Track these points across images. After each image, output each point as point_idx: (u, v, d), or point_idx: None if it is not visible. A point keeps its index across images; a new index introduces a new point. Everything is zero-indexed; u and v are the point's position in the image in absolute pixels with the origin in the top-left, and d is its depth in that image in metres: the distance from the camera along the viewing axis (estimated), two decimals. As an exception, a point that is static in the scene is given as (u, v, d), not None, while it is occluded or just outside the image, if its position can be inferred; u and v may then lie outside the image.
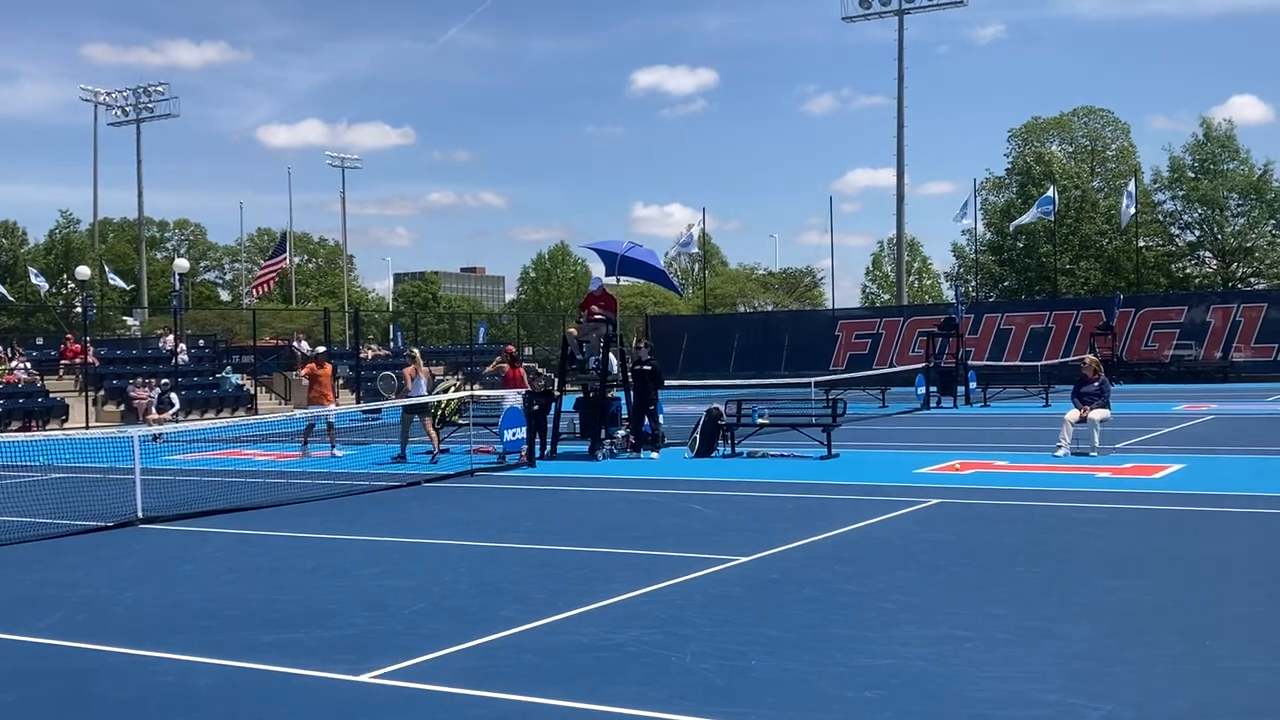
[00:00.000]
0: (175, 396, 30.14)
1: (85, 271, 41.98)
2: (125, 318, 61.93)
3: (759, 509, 13.28)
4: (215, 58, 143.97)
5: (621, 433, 19.70)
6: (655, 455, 19.05)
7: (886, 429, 24.46)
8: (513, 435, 18.56)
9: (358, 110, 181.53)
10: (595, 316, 20.32)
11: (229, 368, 39.43)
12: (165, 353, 38.13)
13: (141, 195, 68.78)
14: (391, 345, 51.73)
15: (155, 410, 29.36)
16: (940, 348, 33.63)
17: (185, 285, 42.81)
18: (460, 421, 21.22)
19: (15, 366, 34.17)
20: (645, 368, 19.79)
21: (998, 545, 10.38)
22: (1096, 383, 18.39)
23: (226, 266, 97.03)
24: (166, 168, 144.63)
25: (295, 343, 41.36)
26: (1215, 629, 7.29)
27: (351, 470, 18.15)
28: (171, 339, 38.23)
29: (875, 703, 5.89)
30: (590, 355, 19.96)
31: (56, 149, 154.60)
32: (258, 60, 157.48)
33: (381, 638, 7.45)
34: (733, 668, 6.58)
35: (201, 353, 41.18)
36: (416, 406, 19.59)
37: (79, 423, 31.31)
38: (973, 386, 33.24)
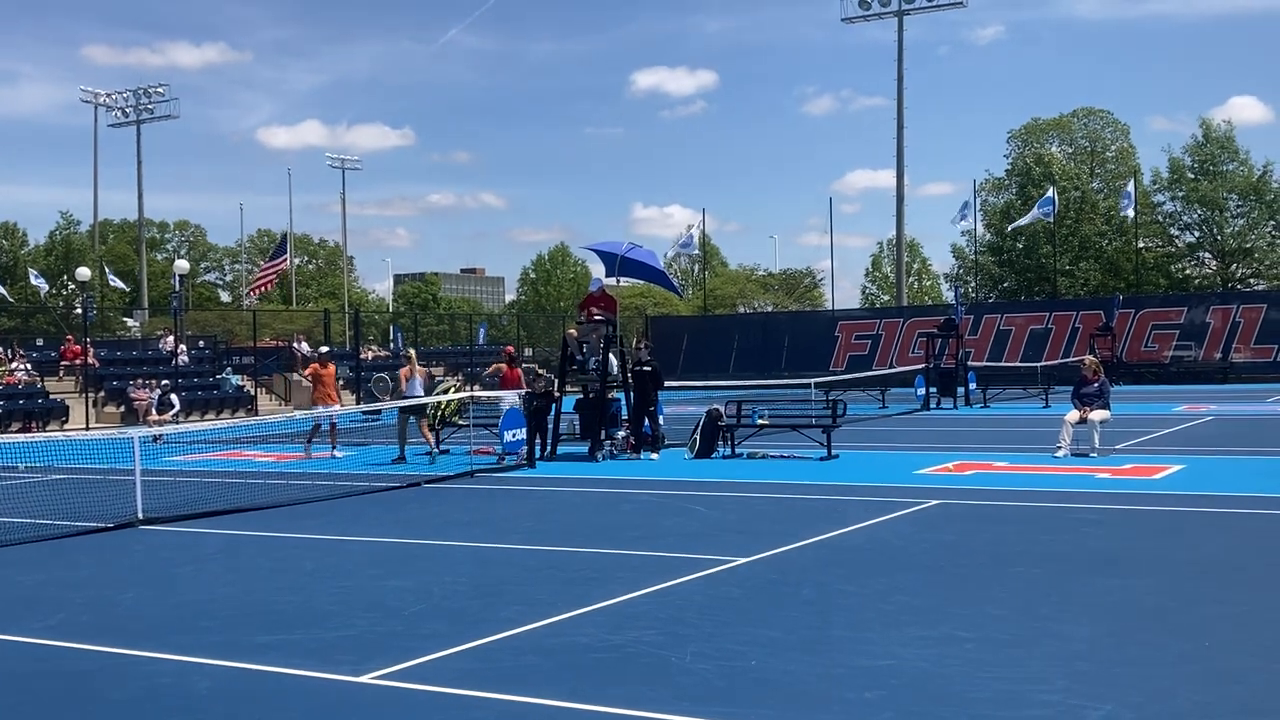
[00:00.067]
0: (175, 398, 30.17)
1: (85, 273, 42.00)
2: (125, 319, 61.92)
3: (759, 510, 13.28)
4: (215, 59, 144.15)
5: (621, 434, 19.70)
6: (655, 456, 19.05)
7: (886, 430, 24.47)
8: (512, 436, 18.57)
9: (358, 111, 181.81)
10: (595, 317, 20.31)
11: (229, 369, 39.44)
12: (165, 354, 38.15)
13: (141, 196, 68.86)
14: (391, 346, 51.73)
15: (155, 411, 29.39)
16: (940, 349, 33.62)
17: (185, 286, 42.77)
18: (460, 422, 21.23)
19: (15, 368, 34.18)
20: (645, 369, 19.80)
21: (997, 546, 10.39)
22: (1096, 384, 18.39)
23: (227, 268, 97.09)
24: (166, 169, 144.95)
25: (295, 344, 41.36)
26: (1215, 629, 7.29)
27: (351, 471, 18.17)
28: (172, 340, 38.25)
29: (875, 704, 5.89)
30: (590, 356, 19.96)
31: (57, 150, 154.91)
32: (258, 61, 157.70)
33: (381, 639, 7.45)
34: (732, 668, 6.58)
35: (202, 354, 41.18)
36: (413, 407, 19.60)
37: (79, 424, 31.31)
38: (972, 387, 33.25)
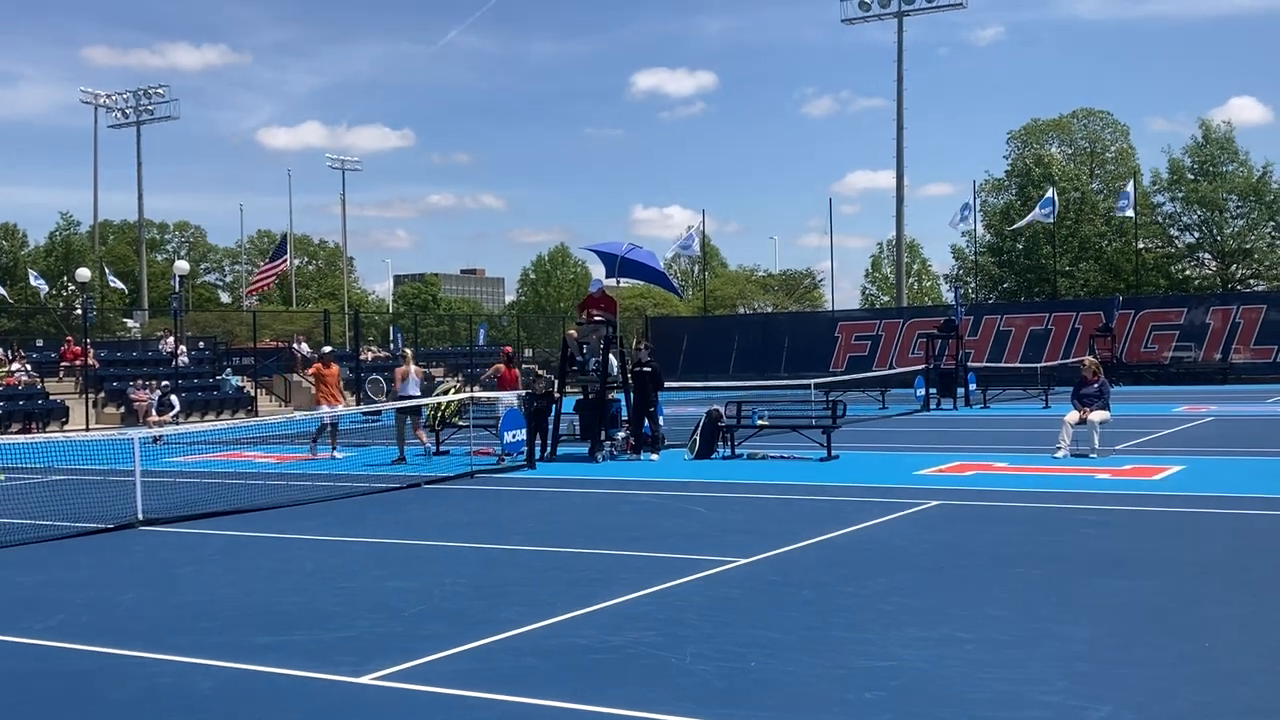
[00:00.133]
0: (175, 398, 30.19)
1: (85, 274, 41.97)
2: (125, 320, 61.87)
3: (759, 511, 13.28)
4: (215, 60, 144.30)
5: (621, 434, 19.70)
6: (655, 457, 19.05)
7: (886, 431, 24.47)
8: (512, 437, 18.57)
9: (358, 112, 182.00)
10: (595, 318, 20.31)
11: (229, 370, 39.43)
12: (165, 355, 38.14)
13: (141, 197, 68.73)
14: (391, 347, 51.72)
15: (155, 412, 29.40)
16: (940, 349, 33.63)
17: (185, 287, 42.80)
18: (460, 423, 21.23)
19: (15, 369, 34.17)
20: (645, 369, 19.80)
21: (997, 547, 10.38)
22: (1096, 384, 18.40)
23: (227, 269, 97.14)
24: (166, 170, 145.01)
25: (295, 345, 41.35)
26: (1215, 630, 7.29)
27: (351, 472, 18.17)
28: (172, 341, 38.24)
29: (875, 704, 5.89)
30: (590, 357, 19.96)
31: (57, 151, 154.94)
32: (258, 63, 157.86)
33: (382, 639, 7.45)
34: (732, 669, 6.59)
35: (202, 355, 41.18)
36: (408, 408, 19.62)
37: (79, 425, 31.31)
38: (972, 388, 33.24)
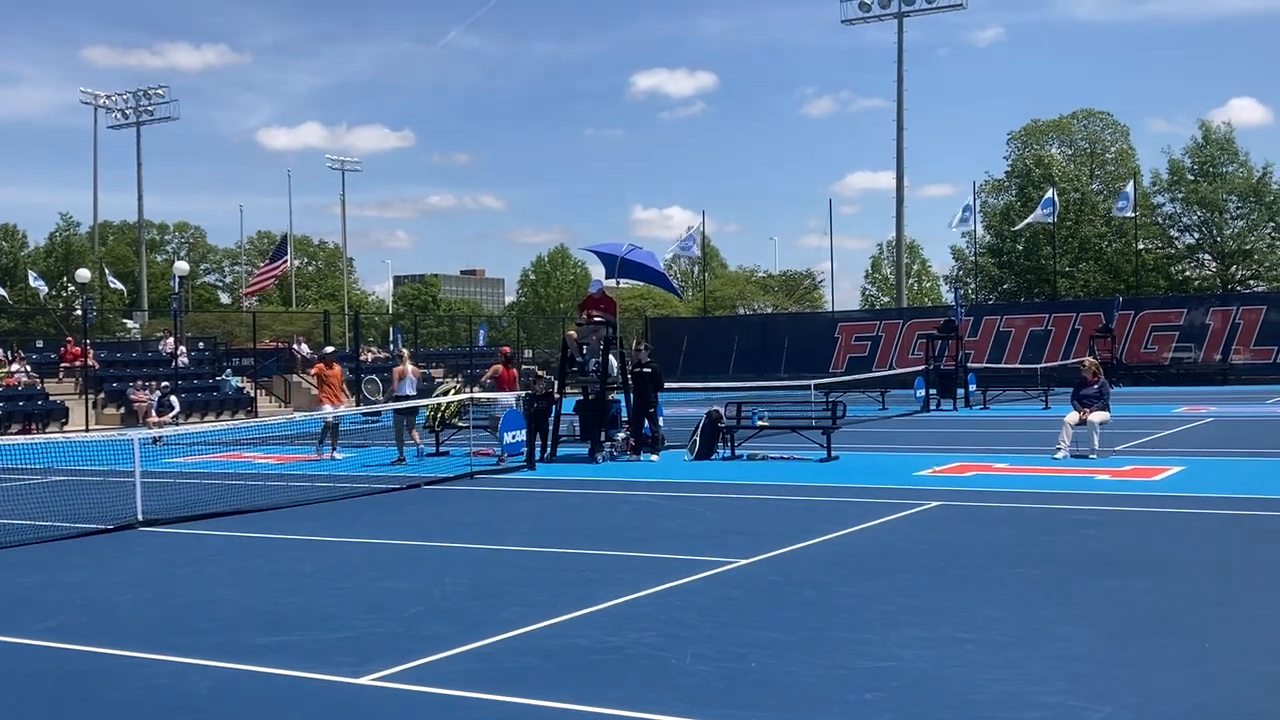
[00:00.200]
0: (175, 399, 30.19)
1: (85, 274, 42.02)
2: (125, 320, 61.89)
3: (759, 511, 13.27)
4: (215, 61, 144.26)
5: (621, 435, 19.69)
6: (655, 458, 19.04)
7: (886, 431, 24.46)
8: (512, 438, 18.55)
9: (358, 113, 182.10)
10: (595, 319, 20.31)
11: (229, 370, 39.44)
12: (165, 355, 38.15)
13: (141, 198, 68.72)
14: (391, 348, 51.76)
15: (155, 413, 29.41)
16: (940, 350, 33.62)
17: (185, 288, 42.79)
18: (460, 424, 21.23)
19: (15, 369, 34.17)
20: (645, 370, 19.80)
21: (998, 547, 10.38)
22: (1096, 385, 18.39)
23: (226, 269, 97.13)
24: (166, 170, 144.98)
25: (295, 345, 41.36)
26: (1215, 631, 7.29)
27: (351, 473, 18.17)
28: (171, 342, 38.25)
29: (875, 705, 5.89)
30: (590, 358, 19.95)
31: (56, 152, 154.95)
32: (257, 63, 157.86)
33: (381, 640, 7.45)
34: (733, 670, 6.58)
35: (201, 355, 41.19)
36: (403, 408, 19.62)
37: (79, 425, 31.31)
38: (972, 389, 33.23)
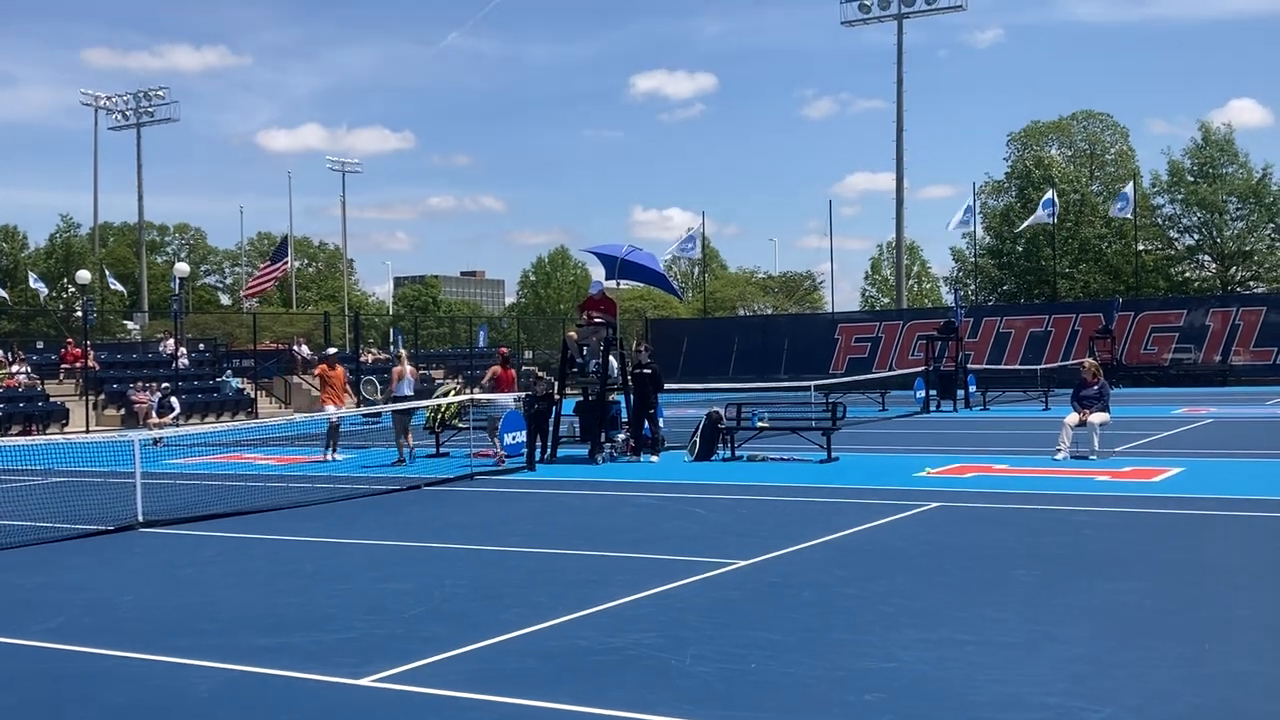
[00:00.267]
0: (175, 400, 30.19)
1: (85, 276, 41.94)
2: (125, 322, 61.91)
3: (759, 512, 13.27)
4: (215, 62, 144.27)
5: (621, 436, 19.70)
6: (655, 459, 19.04)
7: (886, 432, 24.47)
8: (512, 439, 18.55)
9: (358, 114, 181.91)
10: (595, 320, 20.32)
11: (229, 372, 39.44)
12: (165, 357, 38.14)
13: (142, 199, 68.83)
14: (391, 349, 51.77)
15: (156, 414, 29.40)
16: (940, 351, 33.64)
17: (185, 289, 42.78)
18: (460, 425, 21.23)
19: (16, 371, 34.17)
20: (645, 371, 19.81)
21: (997, 548, 10.39)
22: (1096, 386, 18.39)
23: (227, 271, 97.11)
24: (167, 172, 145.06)
25: (295, 347, 41.37)
26: (1215, 632, 7.29)
27: (351, 474, 18.18)
28: (172, 343, 38.25)
29: (875, 706, 5.89)
30: (590, 359, 19.96)
31: (57, 153, 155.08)
32: (258, 65, 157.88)
33: (381, 641, 7.45)
34: (733, 671, 6.59)
35: (202, 357, 41.20)
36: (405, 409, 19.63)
37: (79, 427, 31.32)
38: (972, 390, 33.24)
